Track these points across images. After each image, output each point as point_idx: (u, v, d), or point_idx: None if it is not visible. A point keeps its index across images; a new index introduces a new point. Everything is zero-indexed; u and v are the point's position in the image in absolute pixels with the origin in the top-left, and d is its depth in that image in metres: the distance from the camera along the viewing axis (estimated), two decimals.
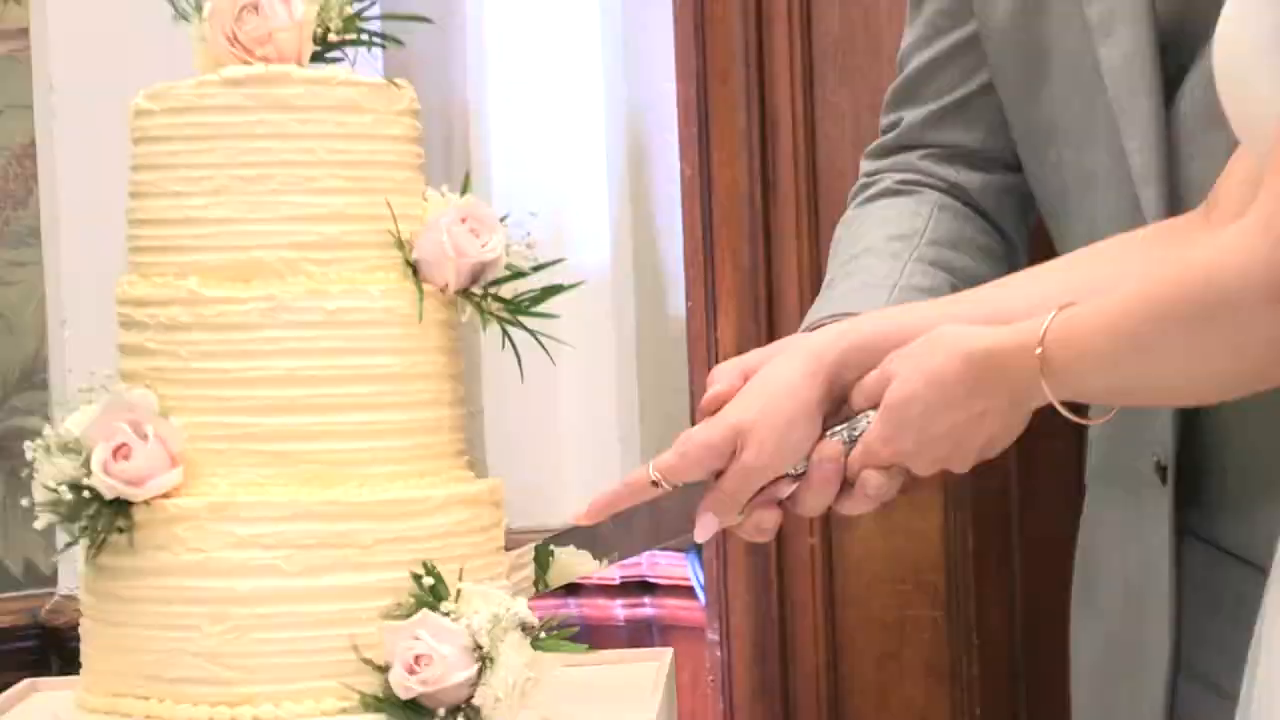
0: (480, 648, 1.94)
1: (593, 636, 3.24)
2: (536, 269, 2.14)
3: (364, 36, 2.16)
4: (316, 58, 2.12)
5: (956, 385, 1.86)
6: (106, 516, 2.00)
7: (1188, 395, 1.84)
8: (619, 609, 3.84)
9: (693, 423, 3.56)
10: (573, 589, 2.16)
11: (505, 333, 2.11)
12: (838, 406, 1.95)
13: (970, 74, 2.24)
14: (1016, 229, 2.25)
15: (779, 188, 3.50)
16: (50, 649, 3.55)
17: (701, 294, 3.55)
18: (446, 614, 1.95)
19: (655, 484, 1.98)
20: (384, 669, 1.95)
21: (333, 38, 2.12)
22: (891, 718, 3.49)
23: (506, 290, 2.12)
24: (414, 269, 2.07)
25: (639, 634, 3.82)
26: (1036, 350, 1.78)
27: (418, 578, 1.98)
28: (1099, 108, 2.07)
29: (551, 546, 2.03)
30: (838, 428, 1.93)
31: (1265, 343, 1.63)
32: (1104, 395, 1.84)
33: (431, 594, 1.97)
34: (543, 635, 1.99)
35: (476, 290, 2.10)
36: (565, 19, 4.02)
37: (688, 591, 3.75)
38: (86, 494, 2.00)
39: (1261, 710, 1.69)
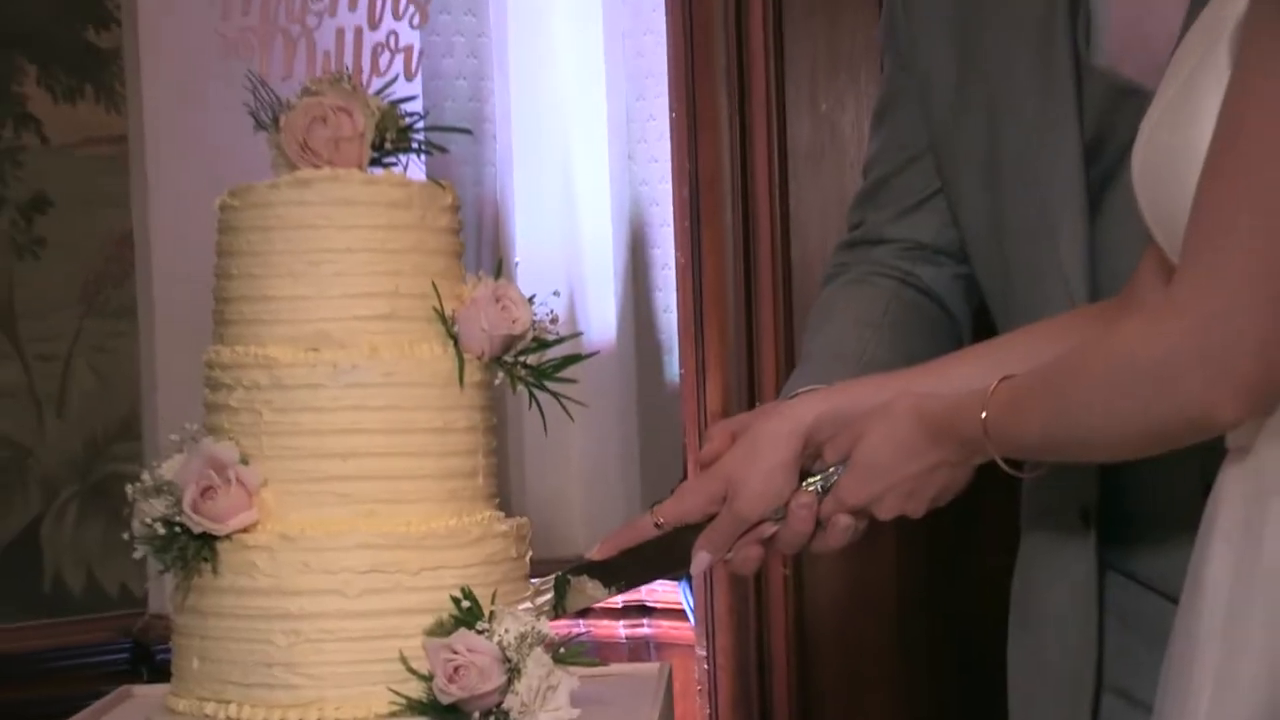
0: (509, 660, 1.93)
1: (599, 652, 3.24)
2: (557, 341, 2.13)
3: (413, 145, 2.15)
4: (374, 162, 2.11)
5: (915, 444, 1.86)
6: (194, 548, 2.00)
7: (1107, 454, 1.82)
8: (621, 629, 3.82)
9: (684, 471, 3.60)
10: (583, 611, 2.16)
11: (531, 394, 2.11)
12: (812, 461, 1.95)
13: (924, 182, 2.22)
14: (963, 311, 2.24)
15: (759, 274, 3.50)
16: (141, 661, 3.53)
17: (693, 363, 3.55)
18: (481, 632, 1.94)
19: (658, 526, 1.98)
20: (428, 678, 1.95)
21: (388, 146, 2.12)
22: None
23: (533, 359, 2.11)
24: (455, 340, 2.06)
25: (638, 650, 3.80)
26: (982, 414, 1.78)
27: (456, 601, 1.97)
28: (1037, 212, 2.06)
29: (569, 576, 2.02)
30: (812, 479, 1.93)
31: (1174, 410, 1.63)
32: (1037, 453, 1.83)
33: (468, 615, 1.96)
34: (561, 650, 1.98)
35: (508, 358, 2.10)
36: (579, 129, 4.02)
37: (680, 614, 3.73)
38: (178, 529, 2.00)
39: (1170, 697, 1.69)
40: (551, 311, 2.13)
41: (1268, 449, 1.64)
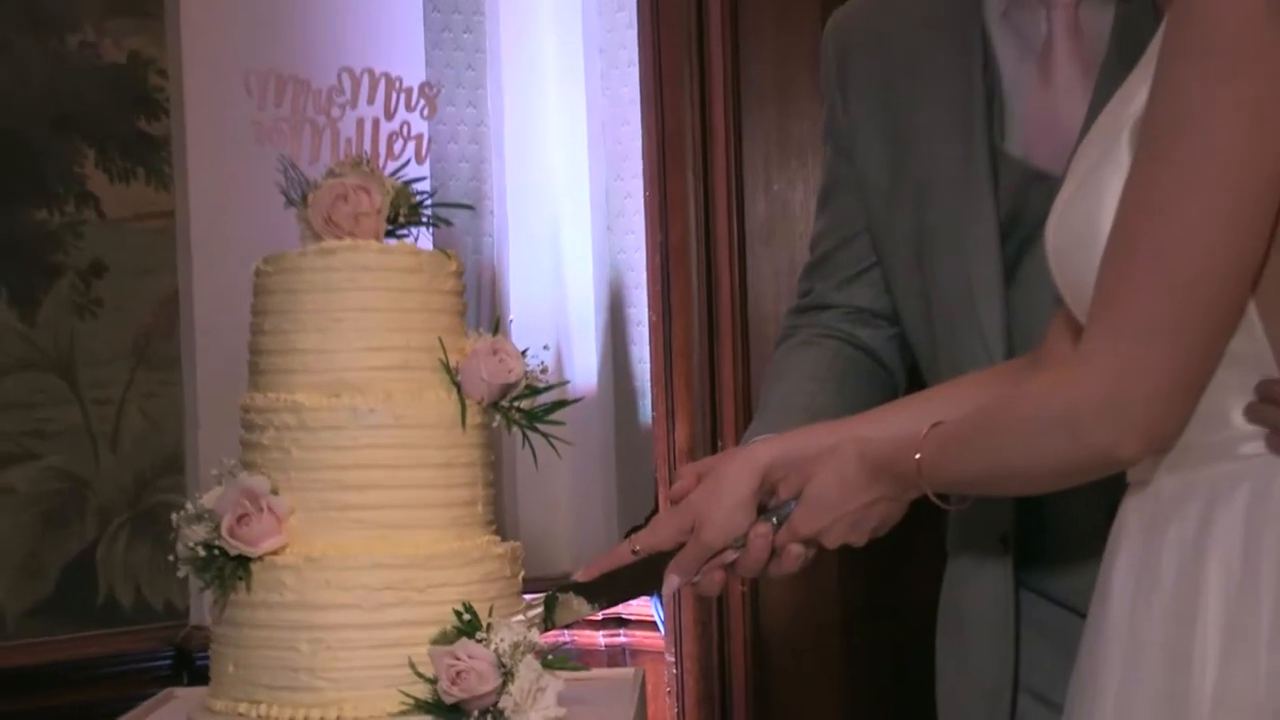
0: (504, 666, 1.92)
1: (582, 659, 3.22)
2: (546, 389, 2.12)
3: (423, 219, 2.15)
4: (389, 233, 2.11)
5: (857, 482, 1.86)
6: (231, 568, 1.99)
7: (1024, 489, 1.83)
8: (601, 638, 3.80)
9: (656, 502, 3.60)
10: (568, 624, 2.15)
11: (524, 434, 2.10)
12: (768, 498, 1.95)
13: (862, 256, 2.22)
14: (898, 366, 2.24)
15: (720, 332, 3.50)
16: (182, 666, 3.51)
17: (663, 407, 3.55)
18: (479, 641, 1.93)
19: (634, 553, 1.98)
20: (433, 681, 1.94)
21: (401, 220, 2.12)
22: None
23: (525, 403, 2.10)
24: (458, 387, 2.06)
25: (615, 657, 3.78)
26: (916, 456, 1.78)
27: (458, 614, 1.96)
28: (959, 281, 2.06)
29: (557, 594, 2.01)
30: (768, 513, 1.93)
31: (1082, 450, 1.62)
32: (963, 488, 1.83)
33: (468, 626, 1.95)
34: (549, 657, 1.97)
35: (504, 403, 2.09)
36: (566, 206, 4.02)
37: (652, 625, 3.72)
38: (216, 551, 1.99)
39: (1079, 718, 1.69)
40: (542, 363, 2.12)
41: (1163, 482, 1.64)
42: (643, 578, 1.99)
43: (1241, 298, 1.57)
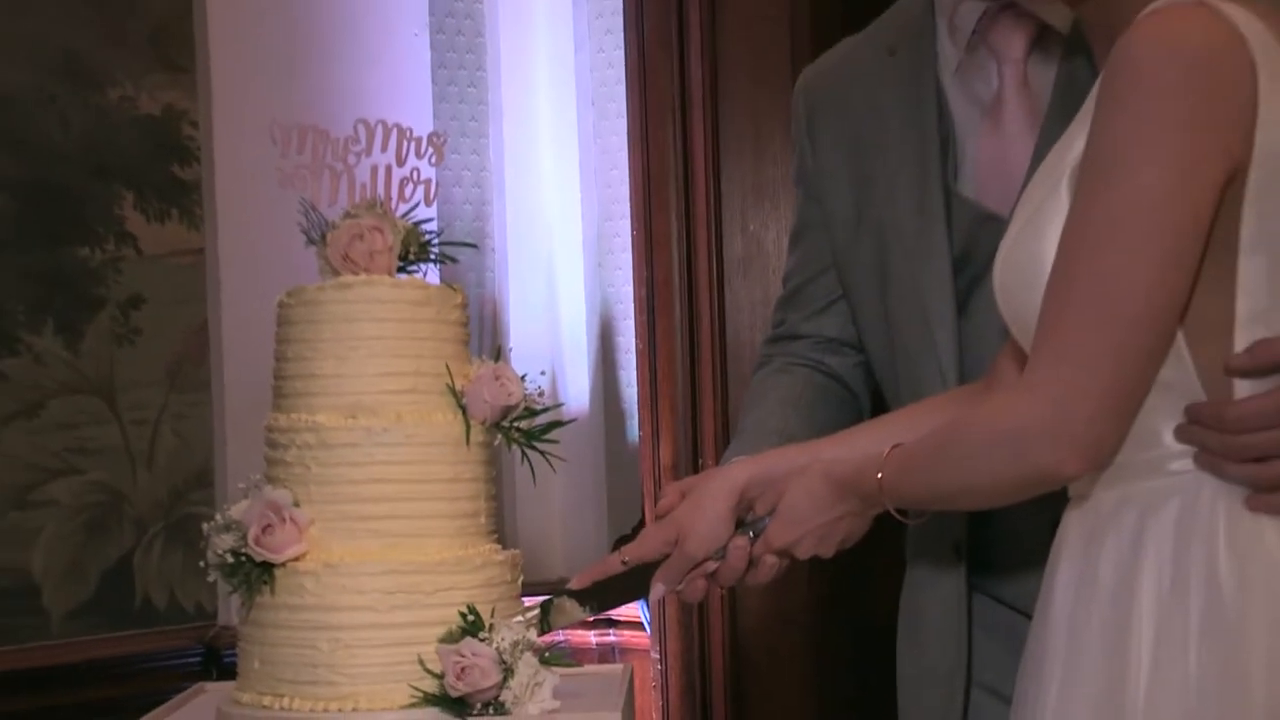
0: (505, 662, 1.92)
1: (575, 656, 3.22)
2: (543, 411, 2.12)
3: (431, 256, 2.15)
4: (400, 269, 2.10)
5: (826, 499, 1.86)
6: (256, 573, 1.99)
7: (976, 504, 1.82)
8: (592, 637, 3.78)
9: (644, 515, 3.59)
10: None
11: (523, 452, 2.09)
12: (745, 513, 1.94)
13: (830, 291, 2.22)
14: (863, 391, 2.23)
15: (700, 359, 3.50)
16: (211, 663, 3.49)
17: (649, 427, 3.55)
18: (482, 640, 1.93)
19: (624, 563, 1.98)
20: (440, 676, 1.94)
21: (411, 257, 2.12)
22: (776, 711, 3.47)
23: (524, 424, 2.10)
24: (463, 409, 2.05)
25: (605, 654, 3.76)
26: (878, 475, 1.78)
27: (463, 615, 1.96)
28: (917, 313, 2.06)
29: (554, 600, 2.01)
30: (745, 527, 1.93)
31: (1028, 468, 1.62)
32: (921, 504, 1.83)
33: (472, 626, 1.95)
34: (545, 654, 1.97)
35: (504, 423, 2.08)
36: (560, 244, 4.01)
37: (639, 626, 3.70)
38: (243, 558, 1.99)
39: (1026, 709, 1.69)
40: (539, 387, 2.12)
41: (1101, 496, 1.65)
42: (631, 585, 1.99)
43: (1171, 328, 1.57)
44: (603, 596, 2.00)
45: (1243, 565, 1.56)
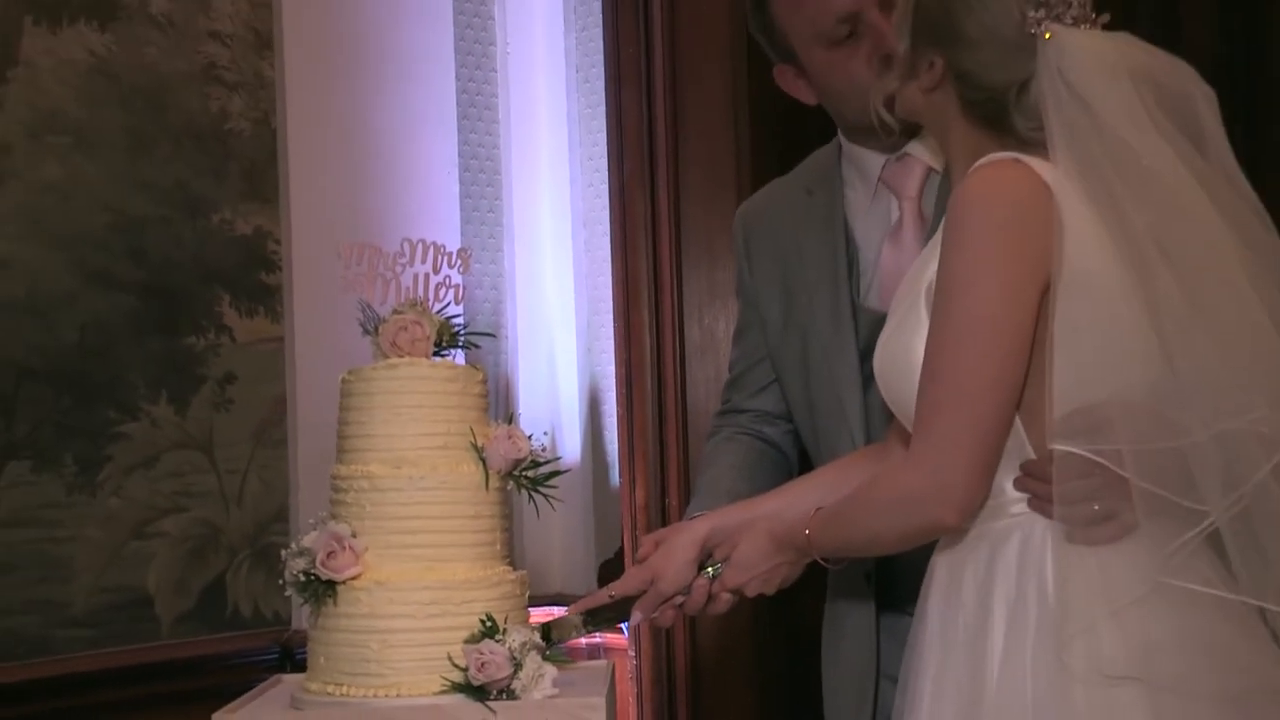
0: (515, 659, 1.92)
1: (569, 654, 3.18)
2: (545, 463, 2.11)
3: (459, 344, 2.14)
4: (435, 353, 2.10)
5: (768, 551, 1.88)
6: (322, 589, 1.98)
7: (880, 551, 1.85)
8: (582, 640, 3.75)
9: (623, 544, 3.58)
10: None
11: (529, 494, 2.09)
12: (707, 559, 1.95)
13: (765, 376, 2.23)
14: (792, 453, 2.25)
15: (667, 422, 3.50)
16: (286, 659, 3.46)
17: (628, 476, 3.54)
18: (498, 641, 1.93)
19: (611, 597, 2.00)
20: (464, 669, 1.93)
21: (443, 344, 2.11)
22: (727, 700, 3.45)
23: (531, 473, 2.09)
24: (484, 461, 2.04)
25: (593, 652, 3.73)
26: (806, 532, 1.81)
27: (483, 622, 1.96)
28: (831, 395, 2.08)
29: (556, 621, 2.03)
30: (706, 570, 1.94)
31: (917, 523, 1.66)
32: (840, 553, 1.85)
33: (490, 630, 1.95)
34: (546, 653, 1.98)
35: (515, 473, 2.08)
36: (559, 334, 4.00)
37: (619, 631, 3.68)
38: (313, 577, 1.98)
39: (910, 689, 1.70)
40: (542, 444, 2.12)
41: (963, 540, 1.68)
42: (616, 613, 2.02)
43: (1012, 410, 1.61)
44: (595, 622, 2.04)
45: (1065, 583, 1.59)
